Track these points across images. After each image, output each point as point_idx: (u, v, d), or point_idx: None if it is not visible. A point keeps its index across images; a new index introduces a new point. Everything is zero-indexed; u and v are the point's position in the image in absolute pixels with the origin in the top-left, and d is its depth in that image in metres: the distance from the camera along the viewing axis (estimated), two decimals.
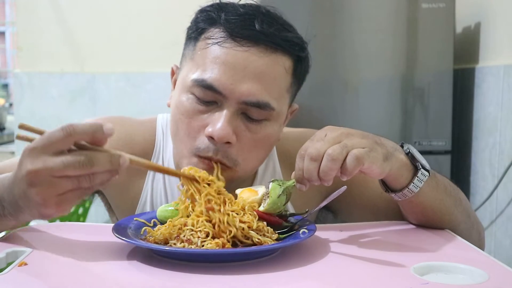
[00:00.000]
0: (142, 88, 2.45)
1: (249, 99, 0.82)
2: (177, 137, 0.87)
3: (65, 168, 0.62)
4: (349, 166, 0.72)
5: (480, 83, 1.90)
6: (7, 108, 3.66)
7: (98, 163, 0.63)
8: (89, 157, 0.63)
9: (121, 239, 0.70)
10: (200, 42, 0.86)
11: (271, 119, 0.86)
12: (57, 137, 0.63)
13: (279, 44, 0.84)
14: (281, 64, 0.85)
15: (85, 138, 0.64)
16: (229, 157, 0.83)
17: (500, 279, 0.63)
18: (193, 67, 0.85)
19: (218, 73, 0.82)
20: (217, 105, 0.83)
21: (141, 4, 2.45)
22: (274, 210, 0.75)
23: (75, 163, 0.62)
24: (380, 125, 1.88)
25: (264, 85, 0.83)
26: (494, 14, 1.86)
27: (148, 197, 0.96)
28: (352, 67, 1.91)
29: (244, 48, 0.82)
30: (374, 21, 1.90)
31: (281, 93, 0.86)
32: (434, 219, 0.85)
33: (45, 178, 0.62)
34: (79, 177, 0.63)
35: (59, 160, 0.62)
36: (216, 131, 0.81)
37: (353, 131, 0.76)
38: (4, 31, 6.03)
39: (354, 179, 0.96)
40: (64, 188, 0.63)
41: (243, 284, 0.62)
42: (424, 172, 0.79)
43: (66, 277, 0.64)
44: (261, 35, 0.82)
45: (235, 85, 0.81)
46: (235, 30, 0.82)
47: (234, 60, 0.82)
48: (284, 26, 0.87)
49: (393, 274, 0.65)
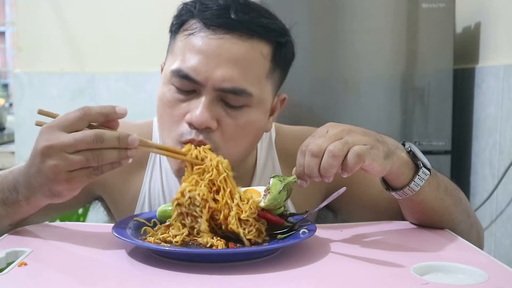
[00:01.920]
0: (142, 88, 2.46)
1: (224, 85, 0.82)
2: (163, 130, 0.88)
3: (76, 142, 0.68)
4: (350, 163, 0.71)
5: (480, 83, 1.90)
6: (7, 108, 3.66)
7: (106, 139, 0.69)
8: (98, 133, 0.69)
9: (121, 239, 0.70)
10: (179, 35, 0.87)
11: (251, 105, 0.85)
12: (73, 117, 0.70)
13: (255, 30, 0.84)
14: (257, 50, 0.85)
15: (99, 118, 0.71)
16: (211, 139, 0.83)
17: (500, 279, 0.63)
18: (172, 59, 0.87)
19: (193, 62, 0.83)
20: (196, 93, 0.84)
21: (141, 4, 2.45)
22: (274, 206, 0.75)
23: (85, 137, 0.68)
24: (380, 125, 1.88)
25: (239, 71, 0.83)
26: (494, 14, 1.86)
27: (146, 198, 0.96)
28: (352, 67, 1.91)
29: (218, 36, 0.83)
30: (374, 21, 1.90)
31: (259, 79, 0.86)
32: (434, 218, 0.85)
33: (58, 152, 0.69)
34: (89, 153, 0.69)
35: (71, 136, 0.69)
36: (195, 117, 0.82)
37: (354, 128, 0.76)
38: (4, 31, 6.03)
39: (355, 178, 0.96)
40: (74, 164, 0.69)
41: (243, 284, 0.62)
42: (425, 170, 0.79)
43: (66, 277, 0.64)
44: (235, 22, 0.83)
45: (209, 72, 0.82)
46: (210, 19, 0.84)
47: (208, 48, 0.83)
48: (261, 13, 0.87)
49: (393, 274, 0.65)
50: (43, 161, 0.70)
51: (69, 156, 0.69)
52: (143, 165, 0.98)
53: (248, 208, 0.72)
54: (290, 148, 0.97)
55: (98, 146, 0.69)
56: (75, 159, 0.69)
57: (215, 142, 0.84)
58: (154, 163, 0.98)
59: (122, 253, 0.72)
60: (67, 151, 0.69)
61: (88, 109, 0.71)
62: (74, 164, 0.69)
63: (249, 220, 0.72)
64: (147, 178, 0.97)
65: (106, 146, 0.69)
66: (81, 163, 0.69)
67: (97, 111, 0.71)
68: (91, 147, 0.69)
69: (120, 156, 0.71)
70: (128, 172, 0.97)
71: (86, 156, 0.69)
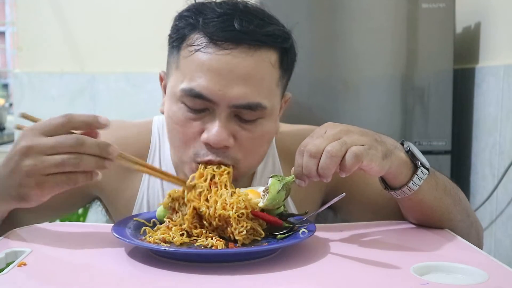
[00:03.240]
0: (142, 88, 2.46)
1: (239, 102, 0.81)
2: (174, 145, 0.87)
3: (56, 144, 0.69)
4: (348, 163, 0.72)
5: (480, 83, 1.90)
6: (7, 108, 3.66)
7: (87, 144, 0.69)
8: (79, 137, 0.70)
9: (121, 239, 0.70)
10: (183, 50, 0.85)
11: (265, 117, 0.85)
12: (56, 122, 0.71)
13: (262, 41, 0.82)
14: (266, 60, 0.83)
15: (81, 126, 0.72)
16: (229, 157, 0.83)
17: (500, 279, 0.63)
18: (180, 76, 0.84)
19: (205, 81, 0.81)
20: (209, 111, 0.83)
21: (141, 4, 2.45)
22: (273, 206, 0.75)
23: (66, 140, 0.69)
24: (380, 125, 1.88)
25: (252, 87, 0.82)
26: (494, 14, 1.86)
27: (144, 198, 0.96)
28: (352, 67, 1.91)
29: (226, 51, 0.81)
30: (374, 21, 1.90)
31: (271, 89, 0.86)
32: (433, 217, 0.85)
33: (37, 153, 0.69)
34: (66, 157, 0.69)
35: (52, 138, 0.70)
36: (212, 137, 0.81)
37: (352, 128, 0.76)
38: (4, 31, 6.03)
39: (355, 178, 0.97)
40: (51, 166, 0.69)
41: (243, 284, 0.62)
42: (424, 170, 0.79)
43: (66, 277, 0.64)
44: (241, 34, 0.81)
45: (223, 91, 0.81)
46: (215, 34, 0.81)
47: (218, 65, 0.81)
48: (264, 20, 0.85)
49: (393, 274, 0.65)
50: (21, 160, 0.70)
51: (47, 157, 0.69)
52: None
53: (236, 201, 0.73)
54: (291, 147, 0.97)
55: (78, 150, 0.69)
56: (52, 160, 0.69)
57: (234, 159, 0.84)
58: (153, 162, 0.97)
59: (122, 253, 0.72)
60: (46, 152, 0.69)
61: (72, 116, 0.71)
62: (50, 167, 0.69)
63: (241, 219, 0.72)
64: (145, 176, 0.97)
65: (86, 151, 0.69)
66: (57, 165, 0.69)
67: (80, 119, 0.72)
68: (70, 151, 0.69)
69: (98, 165, 0.71)
70: (125, 171, 0.96)
71: (64, 159, 0.69)
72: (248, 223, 0.73)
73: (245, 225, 0.72)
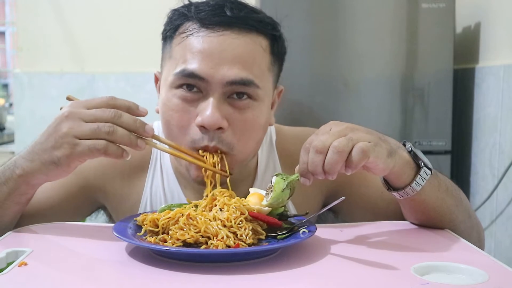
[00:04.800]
0: (142, 88, 2.45)
1: (233, 78, 0.83)
2: (172, 136, 0.88)
3: (96, 112, 0.74)
4: (355, 159, 0.71)
5: (480, 83, 1.90)
6: (7, 108, 3.66)
7: (125, 117, 0.74)
8: (117, 111, 0.74)
9: (121, 239, 0.70)
10: (176, 39, 0.87)
11: (257, 99, 0.86)
12: (99, 100, 0.75)
13: (252, 25, 0.86)
14: (257, 43, 0.86)
15: (122, 107, 0.76)
16: (224, 141, 0.84)
17: (500, 279, 0.63)
18: (173, 64, 0.86)
19: (197, 61, 0.83)
20: (202, 94, 0.84)
21: (141, 4, 2.45)
22: (278, 204, 0.75)
23: (105, 111, 0.74)
24: (380, 124, 1.87)
25: (244, 64, 0.84)
26: (494, 14, 1.86)
27: (147, 202, 0.96)
28: (352, 67, 1.91)
29: (218, 33, 0.84)
30: (374, 21, 1.90)
31: (263, 71, 0.87)
32: (435, 218, 0.85)
33: (76, 118, 0.73)
34: (102, 125, 0.73)
35: (93, 110, 0.75)
36: (206, 118, 0.82)
37: (357, 126, 0.76)
38: (4, 31, 6.02)
39: (355, 179, 0.97)
40: (86, 130, 0.73)
41: (243, 284, 0.62)
42: (427, 170, 0.79)
43: (66, 277, 0.64)
44: (232, 19, 0.84)
45: (215, 69, 0.82)
46: (207, 19, 0.84)
47: (210, 46, 0.83)
48: (253, 10, 0.89)
49: (393, 274, 0.65)
50: (60, 123, 0.74)
51: (84, 123, 0.73)
52: (144, 170, 0.97)
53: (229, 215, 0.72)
54: (291, 149, 0.97)
55: (115, 121, 0.73)
56: (88, 125, 0.73)
57: (228, 143, 0.84)
58: (155, 168, 0.98)
59: (122, 253, 0.72)
60: (85, 119, 0.73)
61: (114, 98, 0.76)
62: (86, 130, 0.73)
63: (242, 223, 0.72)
64: (148, 182, 0.97)
65: (122, 124, 0.74)
66: (92, 130, 0.73)
67: (122, 101, 0.76)
68: (108, 121, 0.73)
69: (131, 141, 0.74)
70: (129, 177, 0.97)
71: (99, 126, 0.73)
72: (248, 224, 0.73)
73: (247, 226, 0.72)
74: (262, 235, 0.74)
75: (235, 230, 0.71)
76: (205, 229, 0.70)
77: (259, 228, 0.74)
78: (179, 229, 0.71)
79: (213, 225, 0.71)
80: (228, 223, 0.71)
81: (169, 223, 0.73)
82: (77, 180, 0.95)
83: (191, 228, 0.71)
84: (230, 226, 0.71)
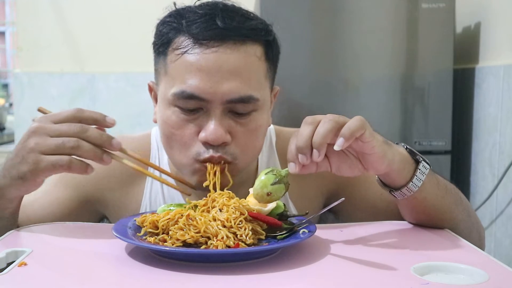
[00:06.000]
0: (142, 88, 2.44)
1: (232, 96, 0.82)
2: (172, 150, 0.87)
3: (61, 127, 0.74)
4: (351, 125, 0.70)
5: (480, 83, 1.90)
6: (7, 108, 3.65)
7: (89, 132, 0.74)
8: (84, 125, 0.74)
9: (121, 239, 0.70)
10: (170, 55, 0.85)
11: (258, 109, 0.86)
12: (66, 113, 0.76)
13: (246, 35, 0.84)
14: (252, 54, 0.85)
15: (89, 120, 0.76)
16: (228, 152, 0.84)
17: (500, 279, 0.63)
18: (170, 81, 0.85)
19: (195, 81, 0.82)
20: (203, 111, 0.84)
21: (141, 4, 2.46)
22: (261, 189, 0.74)
23: (71, 126, 0.74)
24: (380, 125, 1.88)
25: (242, 80, 0.83)
26: (494, 14, 1.86)
27: (147, 209, 0.96)
28: (352, 67, 1.91)
29: (213, 49, 0.82)
30: (374, 21, 1.90)
31: (260, 82, 0.87)
32: (435, 217, 0.85)
33: (42, 133, 0.74)
34: (67, 139, 0.73)
35: (59, 124, 0.75)
36: (210, 135, 0.82)
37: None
38: (4, 31, 6.02)
39: (355, 181, 0.97)
40: (51, 145, 0.73)
41: (243, 284, 0.62)
42: (425, 164, 0.79)
43: (66, 277, 0.64)
44: (226, 31, 0.82)
45: (215, 88, 0.82)
46: (200, 34, 0.82)
47: (207, 64, 0.82)
48: (245, 16, 0.87)
49: (393, 274, 0.65)
50: (28, 138, 0.74)
51: (49, 138, 0.74)
52: (143, 177, 0.97)
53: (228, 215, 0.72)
54: None
55: (80, 136, 0.73)
56: (53, 141, 0.73)
57: (233, 154, 0.85)
58: (154, 174, 0.98)
59: (122, 253, 0.72)
60: (51, 134, 0.74)
61: (82, 110, 0.76)
62: (51, 145, 0.73)
63: (242, 223, 0.72)
64: (147, 189, 0.97)
65: (87, 138, 0.74)
66: (57, 145, 0.73)
67: (89, 114, 0.76)
68: (73, 135, 0.73)
69: (96, 155, 0.74)
70: (128, 186, 0.97)
71: (64, 141, 0.73)
72: (248, 224, 0.73)
73: (246, 227, 0.72)
74: (262, 235, 0.74)
75: (235, 230, 0.71)
76: (205, 229, 0.70)
77: (259, 228, 0.74)
78: (179, 230, 0.71)
79: (213, 225, 0.71)
80: (228, 223, 0.71)
81: (168, 224, 0.73)
82: (77, 194, 0.95)
83: (191, 228, 0.71)
84: (230, 226, 0.71)
